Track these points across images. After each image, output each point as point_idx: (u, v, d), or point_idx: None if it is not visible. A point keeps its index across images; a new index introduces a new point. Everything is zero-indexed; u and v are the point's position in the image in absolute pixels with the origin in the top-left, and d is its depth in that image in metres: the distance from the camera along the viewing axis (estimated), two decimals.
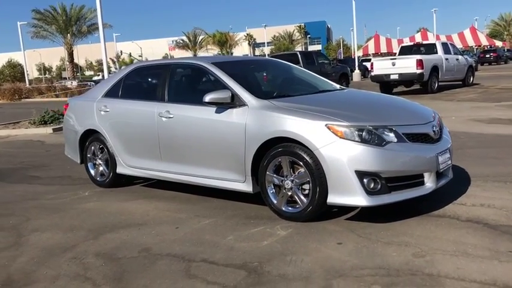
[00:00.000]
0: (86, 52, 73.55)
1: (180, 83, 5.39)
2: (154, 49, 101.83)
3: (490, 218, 3.92)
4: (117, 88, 5.71)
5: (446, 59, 17.95)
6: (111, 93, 5.74)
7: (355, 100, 4.93)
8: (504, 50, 53.98)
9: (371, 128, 3.84)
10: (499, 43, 56.44)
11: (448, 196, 4.51)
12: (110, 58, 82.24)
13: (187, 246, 3.74)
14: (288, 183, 4.10)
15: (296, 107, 4.17)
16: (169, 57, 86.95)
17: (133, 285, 3.13)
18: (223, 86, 4.57)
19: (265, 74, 5.61)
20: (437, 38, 48.44)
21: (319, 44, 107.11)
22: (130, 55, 71.79)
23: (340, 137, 3.80)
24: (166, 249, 3.70)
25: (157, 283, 3.12)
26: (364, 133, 3.81)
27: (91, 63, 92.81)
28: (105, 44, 17.83)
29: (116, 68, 59.81)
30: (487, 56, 47.54)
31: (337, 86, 5.40)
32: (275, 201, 4.23)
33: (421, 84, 17.30)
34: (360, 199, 3.76)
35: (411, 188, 3.95)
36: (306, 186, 4.04)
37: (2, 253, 3.87)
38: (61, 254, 3.76)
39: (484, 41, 53.60)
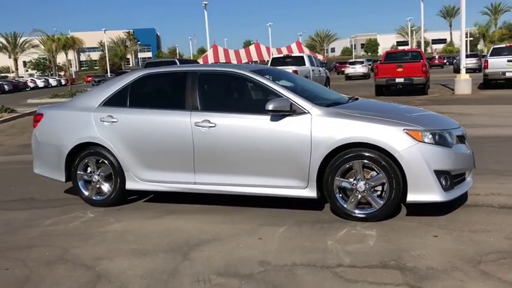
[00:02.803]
0: None
1: (217, 91, 5.16)
2: None
3: None
4: (123, 96, 5.20)
5: (313, 70, 19.77)
6: (115, 102, 5.20)
7: (395, 109, 5.37)
8: (325, 62, 60.77)
9: (439, 131, 4.34)
10: (320, 56, 63.31)
11: None
12: None
13: (300, 255, 3.73)
14: (361, 186, 4.35)
15: (365, 114, 4.45)
16: None
17: None
18: (275, 95, 4.61)
19: None
20: (270, 50, 52.33)
21: (150, 51, 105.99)
22: None
23: (419, 141, 4.21)
24: (284, 260, 3.64)
25: None
26: (437, 136, 4.28)
27: None
28: None
29: None
30: None
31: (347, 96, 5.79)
32: (345, 205, 4.43)
33: None
34: (437, 196, 4.22)
35: (461, 184, 4.54)
36: (378, 188, 4.36)
37: (98, 286, 3.33)
38: (173, 279, 3.41)
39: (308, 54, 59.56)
